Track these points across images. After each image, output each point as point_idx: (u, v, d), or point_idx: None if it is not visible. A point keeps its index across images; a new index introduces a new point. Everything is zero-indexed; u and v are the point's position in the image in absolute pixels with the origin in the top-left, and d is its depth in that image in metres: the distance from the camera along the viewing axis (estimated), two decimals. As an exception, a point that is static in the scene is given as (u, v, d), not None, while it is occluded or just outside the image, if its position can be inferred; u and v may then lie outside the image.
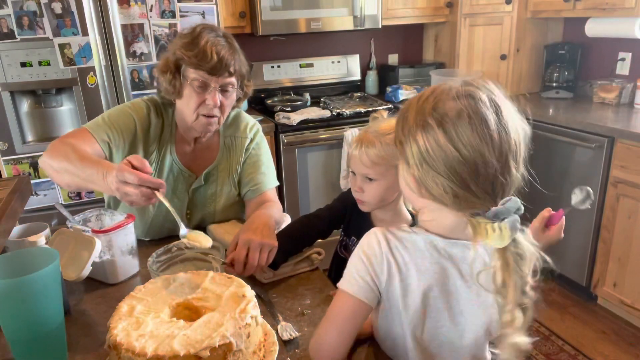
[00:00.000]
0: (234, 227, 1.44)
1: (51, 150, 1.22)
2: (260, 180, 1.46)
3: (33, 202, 2.26)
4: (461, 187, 0.73)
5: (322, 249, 1.31)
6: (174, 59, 1.29)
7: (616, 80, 2.86)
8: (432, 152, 0.74)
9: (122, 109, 1.37)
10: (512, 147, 0.74)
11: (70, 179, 1.17)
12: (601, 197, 2.44)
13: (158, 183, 1.00)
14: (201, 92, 1.29)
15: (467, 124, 0.72)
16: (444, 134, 0.72)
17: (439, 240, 0.83)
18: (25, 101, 2.28)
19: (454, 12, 3.24)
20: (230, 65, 1.28)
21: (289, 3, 2.84)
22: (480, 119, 0.72)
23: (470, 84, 0.76)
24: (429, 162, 0.74)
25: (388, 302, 0.86)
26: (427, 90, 0.79)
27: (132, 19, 2.28)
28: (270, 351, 0.91)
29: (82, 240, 1.15)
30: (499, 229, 0.71)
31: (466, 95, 0.74)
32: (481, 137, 0.71)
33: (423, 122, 0.75)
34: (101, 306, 1.12)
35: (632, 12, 2.47)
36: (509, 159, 0.73)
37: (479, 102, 0.73)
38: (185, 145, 1.43)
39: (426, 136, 0.74)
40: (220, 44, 1.27)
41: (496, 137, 0.72)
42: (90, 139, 1.27)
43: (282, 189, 2.83)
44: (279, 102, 3.07)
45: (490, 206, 0.72)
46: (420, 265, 0.82)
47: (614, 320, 2.50)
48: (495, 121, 0.72)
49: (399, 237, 0.84)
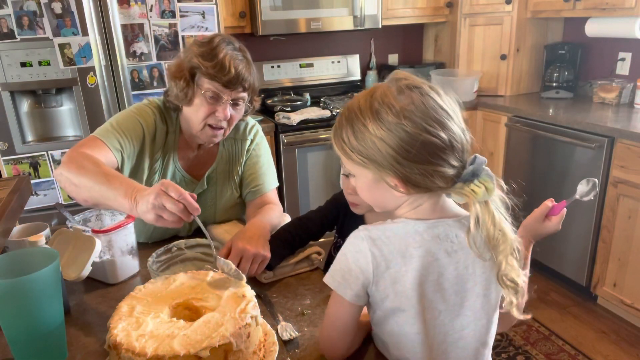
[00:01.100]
0: (234, 227, 1.44)
1: (69, 164, 1.15)
2: (261, 181, 1.46)
3: (33, 202, 2.26)
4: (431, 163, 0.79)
5: (322, 249, 1.31)
6: (189, 66, 1.27)
7: (616, 80, 2.86)
8: (370, 148, 0.80)
9: (129, 115, 1.33)
10: (432, 114, 0.78)
11: (89, 195, 1.12)
12: (601, 197, 2.44)
13: (196, 207, 0.98)
14: (213, 103, 1.28)
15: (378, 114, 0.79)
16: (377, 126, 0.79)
17: (420, 224, 0.84)
18: (25, 101, 2.28)
19: (454, 12, 3.24)
20: (246, 81, 1.29)
21: (289, 3, 2.84)
22: (387, 104, 0.79)
23: (375, 85, 0.85)
24: (373, 159, 0.81)
25: (380, 295, 0.86)
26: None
27: (132, 19, 2.28)
28: (270, 351, 0.91)
29: (82, 240, 1.15)
30: (483, 184, 0.78)
31: (373, 91, 0.82)
32: (397, 117, 0.78)
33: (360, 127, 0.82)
34: (101, 306, 1.12)
35: (632, 12, 2.47)
36: (435, 126, 0.79)
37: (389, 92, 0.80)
38: (188, 151, 1.42)
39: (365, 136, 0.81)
40: (238, 58, 1.28)
41: (409, 113, 0.78)
42: (103, 147, 1.24)
43: (282, 189, 2.83)
44: (279, 102, 3.07)
45: (461, 171, 0.80)
46: (405, 252, 0.83)
47: (614, 320, 2.50)
48: (406, 98, 0.79)
49: (379, 229, 0.86)
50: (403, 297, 0.84)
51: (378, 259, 0.83)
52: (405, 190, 0.82)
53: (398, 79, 0.82)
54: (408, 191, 0.82)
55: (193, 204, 0.97)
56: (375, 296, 0.86)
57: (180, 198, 0.95)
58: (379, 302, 0.86)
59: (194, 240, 1.23)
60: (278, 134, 2.74)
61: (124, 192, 1.04)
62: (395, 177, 0.80)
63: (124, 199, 1.03)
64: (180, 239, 1.27)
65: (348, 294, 0.85)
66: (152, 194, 0.96)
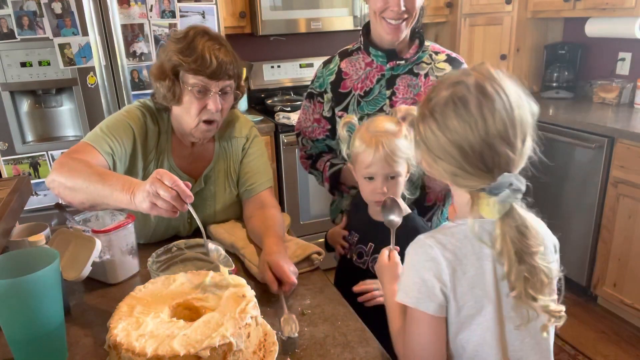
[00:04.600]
0: (234, 226, 1.44)
1: (60, 169, 1.15)
2: (256, 180, 1.46)
3: (33, 202, 2.26)
4: (456, 166, 0.80)
5: (322, 249, 1.31)
6: (171, 65, 1.27)
7: (616, 80, 2.86)
8: (429, 138, 0.82)
9: (119, 118, 1.33)
10: (499, 126, 0.77)
11: (85, 197, 1.12)
12: (601, 197, 2.44)
13: (189, 195, 0.99)
14: (201, 98, 1.28)
15: (452, 110, 0.79)
16: (435, 121, 0.81)
17: (487, 222, 0.82)
18: (25, 101, 2.28)
19: (454, 12, 3.24)
20: (229, 69, 1.28)
21: (289, 3, 2.84)
22: (463, 103, 0.78)
23: (464, 72, 0.83)
24: (429, 148, 0.83)
25: (458, 303, 0.82)
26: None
27: (132, 19, 2.28)
28: (270, 351, 0.91)
29: (82, 240, 1.15)
30: (492, 203, 0.78)
31: (455, 83, 0.81)
32: (464, 120, 0.78)
33: (422, 113, 0.84)
34: (101, 306, 1.12)
35: (632, 12, 2.47)
36: (496, 138, 0.78)
37: (464, 87, 0.79)
38: (182, 150, 1.42)
39: (424, 125, 0.83)
40: (216, 47, 1.27)
41: (479, 119, 0.77)
42: (93, 152, 1.24)
43: (282, 189, 2.83)
44: (279, 102, 3.06)
45: (490, 182, 0.78)
46: (480, 253, 0.81)
47: (614, 320, 2.50)
48: (478, 104, 0.78)
49: (444, 233, 0.83)
50: (484, 301, 0.81)
51: (453, 263, 0.80)
52: (429, 172, 0.86)
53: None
54: (432, 173, 0.86)
55: (186, 192, 0.98)
56: (451, 306, 0.82)
57: (174, 185, 0.97)
58: (454, 313, 0.83)
59: (193, 240, 1.24)
60: (278, 134, 2.74)
61: (121, 186, 1.05)
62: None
63: (121, 193, 1.04)
64: (180, 239, 1.27)
65: (431, 308, 0.81)
66: (147, 182, 0.99)
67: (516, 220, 0.78)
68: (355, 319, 1.06)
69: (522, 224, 0.78)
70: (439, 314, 0.82)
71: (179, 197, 0.98)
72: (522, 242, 0.77)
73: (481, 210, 0.79)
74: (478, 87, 0.78)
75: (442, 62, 1.49)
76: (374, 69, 1.49)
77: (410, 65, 1.48)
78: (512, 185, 0.76)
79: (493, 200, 0.77)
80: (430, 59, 1.49)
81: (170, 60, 1.27)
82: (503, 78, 0.81)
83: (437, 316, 0.82)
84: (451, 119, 0.79)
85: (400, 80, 1.47)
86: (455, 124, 0.78)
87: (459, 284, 0.81)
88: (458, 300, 0.81)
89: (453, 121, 0.78)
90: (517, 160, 0.80)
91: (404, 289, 0.84)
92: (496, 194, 0.77)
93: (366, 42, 1.50)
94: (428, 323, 0.82)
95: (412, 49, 1.48)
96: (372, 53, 1.48)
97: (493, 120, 0.77)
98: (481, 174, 0.79)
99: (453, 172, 0.81)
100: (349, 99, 1.51)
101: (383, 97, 1.47)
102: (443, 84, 0.83)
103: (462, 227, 0.83)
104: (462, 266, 0.80)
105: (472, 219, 0.81)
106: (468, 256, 0.81)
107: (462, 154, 0.78)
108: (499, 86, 0.79)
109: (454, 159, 0.79)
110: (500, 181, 0.77)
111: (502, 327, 0.83)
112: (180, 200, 0.98)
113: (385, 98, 1.47)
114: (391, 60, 1.46)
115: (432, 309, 0.81)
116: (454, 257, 0.80)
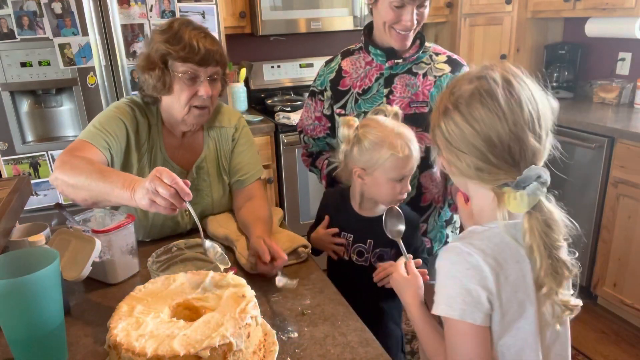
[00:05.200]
0: (227, 219, 1.46)
1: (62, 166, 1.18)
2: (248, 170, 1.49)
3: (33, 202, 2.26)
4: (481, 159, 0.79)
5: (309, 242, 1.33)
6: (159, 54, 1.29)
7: (616, 80, 2.86)
8: (452, 132, 0.81)
9: (109, 114, 1.35)
10: (527, 118, 0.78)
11: (87, 194, 1.14)
12: (601, 197, 2.44)
13: (187, 193, 1.01)
14: (191, 85, 1.31)
15: (478, 101, 0.78)
16: (460, 114, 0.80)
17: (519, 223, 0.80)
18: (25, 101, 2.28)
19: (454, 12, 3.24)
20: (216, 55, 1.31)
21: (289, 3, 2.84)
22: (490, 95, 0.78)
23: (486, 67, 0.83)
24: (452, 143, 0.82)
25: (503, 309, 0.79)
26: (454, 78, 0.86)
27: (132, 19, 2.28)
28: (270, 351, 0.91)
29: (82, 240, 1.15)
30: (520, 196, 0.76)
31: (479, 77, 0.81)
32: (492, 111, 0.77)
33: (444, 108, 0.83)
34: (101, 306, 1.12)
35: (632, 12, 2.47)
36: (524, 129, 0.78)
37: (490, 80, 0.79)
38: (173, 141, 1.44)
39: (446, 120, 0.82)
40: (201, 36, 1.31)
41: (507, 110, 0.77)
42: (92, 149, 1.26)
43: (282, 189, 2.83)
44: (279, 102, 3.06)
45: (515, 176, 0.77)
46: (517, 255, 0.79)
47: (614, 320, 2.50)
48: (506, 96, 0.78)
49: (480, 239, 0.80)
50: (526, 304, 0.79)
51: (496, 269, 0.77)
52: (449, 170, 0.87)
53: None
54: (451, 171, 0.87)
55: (185, 189, 1.00)
56: (496, 313, 0.79)
57: (173, 183, 0.99)
58: (498, 320, 0.79)
59: (193, 240, 1.24)
60: (278, 134, 2.74)
61: (122, 183, 1.07)
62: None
63: (122, 189, 1.06)
64: (178, 237, 1.27)
65: (479, 318, 0.77)
66: (147, 180, 1.01)
67: (545, 213, 0.77)
68: (355, 319, 1.06)
69: (550, 217, 0.77)
70: (485, 323, 0.78)
71: (177, 195, 1.00)
72: (549, 235, 0.77)
73: (508, 206, 0.77)
74: (505, 79, 0.79)
75: (442, 62, 1.50)
76: (373, 68, 1.50)
77: (410, 64, 1.48)
78: (540, 177, 0.76)
79: (521, 193, 0.76)
80: (430, 60, 1.50)
81: (158, 50, 1.29)
82: (525, 74, 0.82)
83: (483, 326, 0.78)
84: (478, 109, 0.78)
85: (398, 79, 1.47)
86: (482, 115, 0.78)
87: (504, 289, 0.78)
88: (503, 306, 0.78)
89: (480, 112, 0.78)
90: (542, 153, 0.81)
91: (446, 301, 0.79)
92: (523, 187, 0.76)
93: (367, 42, 1.51)
94: (474, 334, 0.78)
95: (412, 49, 1.48)
96: (372, 52, 1.49)
97: (521, 112, 0.77)
98: (507, 167, 0.78)
99: (478, 167, 0.80)
100: (347, 96, 1.51)
101: (380, 96, 1.48)
102: (464, 79, 0.82)
103: (495, 230, 0.80)
104: (504, 271, 0.78)
105: (503, 219, 0.78)
106: (508, 260, 0.78)
107: (489, 146, 0.78)
108: (523, 81, 0.80)
109: (479, 151, 0.78)
110: (527, 174, 0.76)
111: (542, 328, 0.81)
112: (178, 198, 1.00)
113: (382, 96, 1.48)
114: (390, 59, 1.47)
115: (479, 320, 0.77)
116: (496, 263, 0.77)
